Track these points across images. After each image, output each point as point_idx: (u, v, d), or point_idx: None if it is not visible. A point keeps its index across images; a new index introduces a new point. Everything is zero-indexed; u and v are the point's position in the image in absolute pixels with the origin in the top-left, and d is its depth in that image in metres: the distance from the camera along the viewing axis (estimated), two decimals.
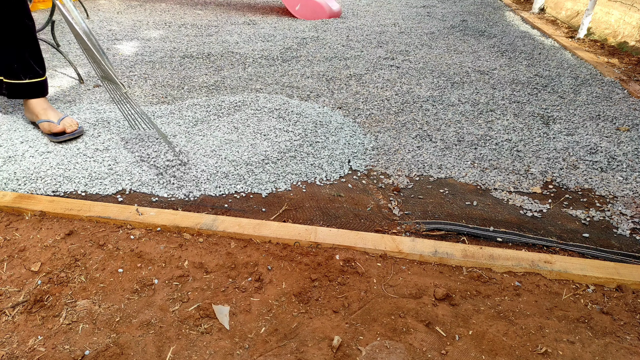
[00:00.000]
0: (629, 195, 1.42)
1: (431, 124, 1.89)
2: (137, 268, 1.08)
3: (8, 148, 1.60)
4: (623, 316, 0.97)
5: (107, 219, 1.22)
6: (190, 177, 1.46)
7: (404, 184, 1.47)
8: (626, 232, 1.26)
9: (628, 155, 1.64)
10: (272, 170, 1.51)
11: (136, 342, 0.89)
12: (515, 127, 1.87)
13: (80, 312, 0.95)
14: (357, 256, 1.12)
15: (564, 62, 2.71)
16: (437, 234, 1.24)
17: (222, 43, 3.07)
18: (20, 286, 1.02)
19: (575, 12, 3.69)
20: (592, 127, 1.87)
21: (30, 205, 1.27)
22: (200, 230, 1.19)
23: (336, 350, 0.88)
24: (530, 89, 2.28)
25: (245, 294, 1.01)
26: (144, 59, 2.70)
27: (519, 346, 0.89)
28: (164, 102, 2.08)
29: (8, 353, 0.86)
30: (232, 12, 4.14)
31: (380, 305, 0.98)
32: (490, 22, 3.72)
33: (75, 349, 0.87)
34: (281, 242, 1.16)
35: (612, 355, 0.88)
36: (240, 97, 2.07)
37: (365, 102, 2.11)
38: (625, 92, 2.23)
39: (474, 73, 2.53)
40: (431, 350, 0.88)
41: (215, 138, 1.70)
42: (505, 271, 1.09)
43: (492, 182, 1.49)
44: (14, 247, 1.14)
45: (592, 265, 1.09)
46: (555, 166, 1.58)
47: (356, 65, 2.66)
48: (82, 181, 1.43)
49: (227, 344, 0.89)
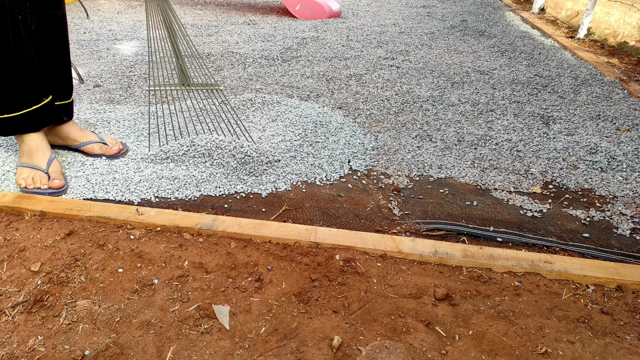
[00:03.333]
0: (629, 195, 1.42)
1: (431, 124, 1.89)
2: (137, 268, 1.08)
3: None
4: (623, 316, 0.97)
5: (107, 219, 1.22)
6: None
7: (404, 184, 1.47)
8: (626, 232, 1.26)
9: (628, 155, 1.64)
10: (272, 171, 1.51)
11: (136, 342, 0.89)
12: (515, 127, 1.87)
13: (80, 312, 0.95)
14: (357, 256, 1.12)
15: (564, 62, 2.71)
16: (437, 234, 1.24)
17: (222, 43, 3.07)
18: (20, 286, 1.02)
19: (575, 12, 3.69)
20: (592, 127, 1.87)
21: (30, 205, 1.27)
22: (200, 230, 1.19)
23: (336, 350, 0.88)
24: (530, 89, 2.28)
25: (245, 294, 1.01)
26: (144, 59, 2.70)
27: (519, 346, 0.89)
28: (164, 102, 2.08)
29: (8, 353, 0.86)
30: (232, 12, 4.14)
31: (380, 305, 0.98)
32: (490, 22, 3.72)
33: (75, 349, 0.87)
34: (281, 242, 1.16)
35: (612, 355, 0.88)
36: (241, 97, 2.07)
37: (365, 102, 2.11)
38: (625, 92, 2.23)
39: (474, 73, 2.53)
40: (431, 350, 0.88)
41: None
42: (505, 271, 1.09)
43: (492, 182, 1.49)
44: (14, 247, 1.14)
45: (592, 265, 1.09)
46: (555, 166, 1.58)
47: (356, 65, 2.66)
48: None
49: (227, 344, 0.89)
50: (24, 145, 1.41)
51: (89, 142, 1.56)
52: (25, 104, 1.35)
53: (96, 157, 1.57)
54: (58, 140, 1.57)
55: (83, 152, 1.59)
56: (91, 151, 1.57)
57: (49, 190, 1.35)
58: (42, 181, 1.36)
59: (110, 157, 1.56)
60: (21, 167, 1.40)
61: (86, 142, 1.56)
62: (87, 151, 1.57)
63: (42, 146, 1.43)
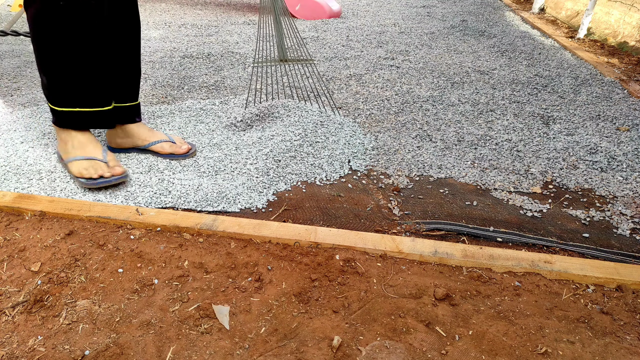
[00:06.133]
0: (629, 195, 1.42)
1: (431, 124, 1.89)
2: (137, 268, 1.08)
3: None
4: (623, 316, 0.97)
5: (107, 219, 1.22)
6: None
7: (404, 184, 1.47)
8: (626, 232, 1.26)
9: (628, 155, 1.64)
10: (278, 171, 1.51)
11: (136, 342, 0.89)
12: (515, 127, 1.87)
13: (80, 312, 0.95)
14: (357, 256, 1.12)
15: (564, 62, 2.71)
16: (437, 234, 1.24)
17: (222, 43, 3.08)
18: (20, 286, 1.02)
19: (575, 12, 3.69)
20: (592, 127, 1.87)
21: (30, 205, 1.27)
22: (200, 230, 1.19)
23: (336, 350, 0.88)
24: (530, 89, 2.28)
25: (245, 294, 1.01)
26: (144, 59, 2.70)
27: (519, 346, 0.89)
28: (164, 102, 2.08)
29: (8, 353, 0.86)
30: (232, 12, 4.14)
31: (380, 305, 0.98)
32: (490, 22, 3.72)
33: (75, 349, 0.87)
34: (281, 242, 1.16)
35: (612, 355, 0.88)
36: (241, 97, 2.07)
37: (365, 102, 2.11)
38: (625, 92, 2.23)
39: (474, 73, 2.53)
40: (431, 350, 0.88)
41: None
42: (505, 271, 1.09)
43: (492, 182, 1.49)
44: (14, 247, 1.14)
45: (592, 265, 1.09)
46: (555, 166, 1.58)
47: (356, 65, 2.66)
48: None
49: (227, 344, 0.89)
50: (74, 140, 1.41)
51: (159, 140, 1.56)
52: (107, 100, 1.42)
53: (166, 157, 1.57)
54: (128, 141, 1.58)
55: (152, 152, 1.59)
56: (161, 150, 1.56)
57: (112, 178, 1.35)
58: (104, 169, 1.36)
59: (180, 156, 1.56)
60: (75, 160, 1.39)
61: (156, 141, 1.56)
62: (156, 150, 1.57)
63: (93, 139, 1.45)
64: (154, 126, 1.82)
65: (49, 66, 1.32)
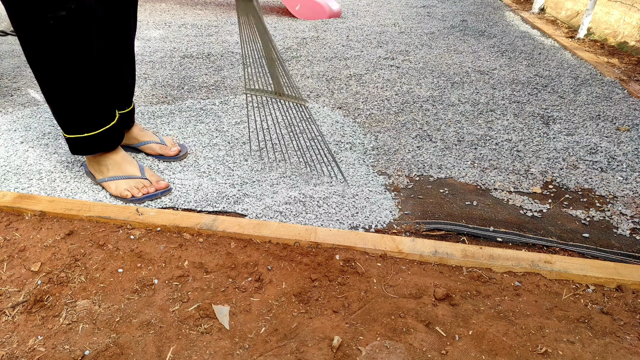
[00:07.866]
0: (629, 195, 1.42)
1: (431, 124, 1.89)
2: (137, 268, 1.08)
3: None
4: (623, 316, 0.97)
5: (107, 219, 1.22)
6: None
7: (404, 184, 1.47)
8: (626, 232, 1.26)
9: (628, 155, 1.64)
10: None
11: (136, 342, 0.89)
12: (515, 127, 1.87)
13: (80, 312, 0.95)
14: (357, 256, 1.12)
15: (564, 62, 2.71)
16: (437, 234, 1.24)
17: (222, 43, 3.08)
18: (20, 286, 1.02)
19: (575, 12, 3.69)
20: (592, 127, 1.87)
21: (30, 205, 1.27)
22: (200, 230, 1.19)
23: (336, 350, 0.88)
24: (530, 89, 2.28)
25: (245, 294, 1.01)
26: (144, 59, 2.70)
27: (519, 346, 0.89)
28: (164, 102, 2.08)
29: (8, 353, 0.86)
30: (232, 12, 4.14)
31: (380, 305, 0.98)
32: (490, 22, 3.72)
33: (75, 349, 0.87)
34: (281, 242, 1.16)
35: (612, 355, 0.88)
36: (241, 97, 2.07)
37: (365, 102, 2.11)
38: (625, 92, 2.23)
39: (474, 73, 2.53)
40: (431, 350, 0.88)
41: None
42: (505, 271, 1.09)
43: (492, 182, 1.49)
44: (14, 247, 1.14)
45: (592, 265, 1.09)
46: (555, 166, 1.58)
47: (356, 65, 2.66)
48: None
49: (227, 344, 0.89)
50: (107, 160, 1.36)
51: (149, 141, 1.57)
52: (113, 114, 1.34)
53: (155, 157, 1.57)
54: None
55: (143, 152, 1.60)
56: (150, 150, 1.57)
57: (158, 192, 1.35)
58: (147, 185, 1.35)
59: (169, 158, 1.56)
60: (114, 180, 1.35)
61: (146, 141, 1.57)
62: (146, 150, 1.58)
63: (127, 156, 1.41)
64: (154, 126, 1.82)
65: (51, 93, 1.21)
